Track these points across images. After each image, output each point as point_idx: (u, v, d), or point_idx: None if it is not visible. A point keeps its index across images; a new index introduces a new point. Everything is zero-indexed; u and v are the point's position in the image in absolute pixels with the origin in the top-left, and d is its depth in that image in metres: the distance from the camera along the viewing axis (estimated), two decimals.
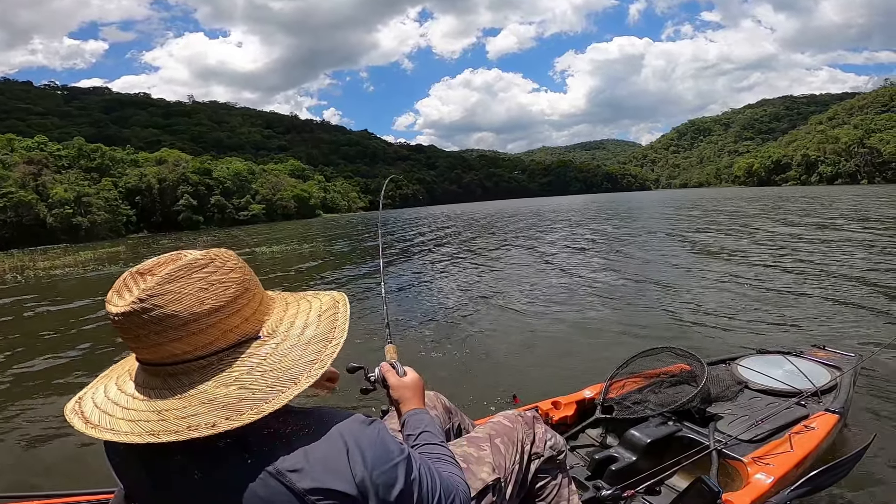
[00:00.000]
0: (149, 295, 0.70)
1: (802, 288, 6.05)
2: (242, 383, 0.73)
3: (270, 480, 0.69)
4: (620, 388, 2.41)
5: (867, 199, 27.69)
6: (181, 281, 0.72)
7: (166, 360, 0.73)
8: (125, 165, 61.53)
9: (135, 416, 0.71)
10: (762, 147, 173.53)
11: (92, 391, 0.80)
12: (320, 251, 17.50)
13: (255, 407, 0.71)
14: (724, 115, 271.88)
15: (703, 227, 12.66)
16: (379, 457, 0.75)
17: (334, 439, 0.73)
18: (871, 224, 13.18)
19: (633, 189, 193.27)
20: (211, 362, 0.74)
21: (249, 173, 77.46)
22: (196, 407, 0.71)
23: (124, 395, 0.75)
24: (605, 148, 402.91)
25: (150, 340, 0.71)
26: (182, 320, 0.71)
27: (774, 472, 1.81)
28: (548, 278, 8.13)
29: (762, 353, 2.84)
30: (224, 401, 0.71)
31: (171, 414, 0.70)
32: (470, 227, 25.31)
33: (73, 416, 0.75)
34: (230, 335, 0.75)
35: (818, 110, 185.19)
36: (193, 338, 0.72)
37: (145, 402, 0.73)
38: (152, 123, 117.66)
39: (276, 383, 0.74)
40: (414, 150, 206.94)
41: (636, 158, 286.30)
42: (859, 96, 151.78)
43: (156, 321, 0.70)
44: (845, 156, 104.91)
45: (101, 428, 0.71)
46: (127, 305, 0.70)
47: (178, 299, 0.70)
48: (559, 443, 1.51)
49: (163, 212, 59.32)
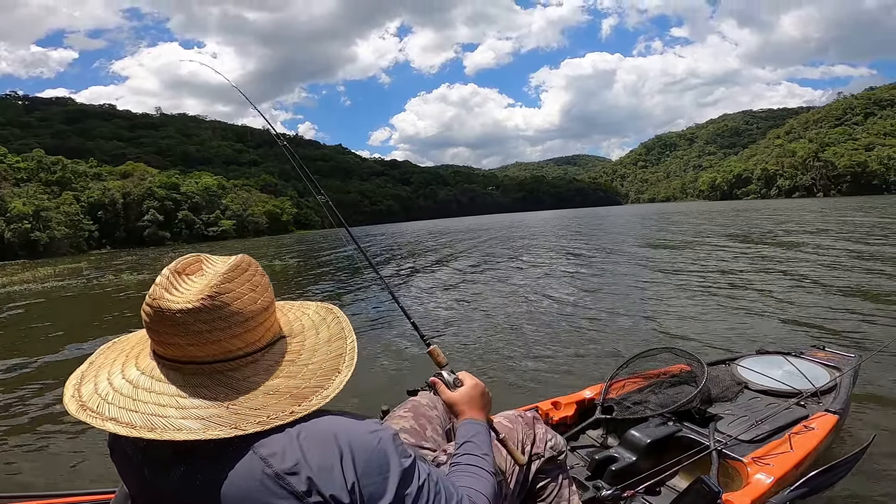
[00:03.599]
0: (216, 292, 0.72)
1: (802, 290, 6.09)
2: (292, 375, 0.78)
3: (270, 482, 0.70)
4: (620, 389, 2.39)
5: (841, 210, 28.74)
6: (236, 281, 0.75)
7: (218, 356, 0.74)
8: (87, 179, 59.67)
9: (202, 414, 0.71)
10: (724, 161, 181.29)
11: (96, 398, 0.74)
12: (293, 266, 17.22)
13: (318, 392, 0.76)
14: (688, 130, 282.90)
15: (694, 238, 12.82)
16: (371, 466, 0.74)
17: (332, 444, 0.73)
18: (861, 231, 13.30)
19: (604, 204, 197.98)
20: (256, 359, 0.77)
21: (219, 188, 75.99)
22: (263, 398, 0.74)
23: (167, 395, 0.74)
24: (576, 163, 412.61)
25: (212, 336, 0.73)
26: (244, 317, 0.74)
27: (774, 473, 1.79)
28: (547, 284, 8.13)
29: (762, 354, 2.85)
30: (287, 391, 0.75)
31: (242, 407, 0.72)
32: (457, 241, 25.39)
33: (115, 425, 0.70)
34: (269, 334, 0.80)
35: (776, 124, 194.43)
36: (248, 335, 0.76)
37: (205, 400, 0.73)
38: (117, 136, 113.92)
39: (321, 373, 0.79)
40: (388, 165, 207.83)
41: (606, 173, 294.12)
42: (814, 110, 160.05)
43: (223, 317, 0.72)
44: (802, 169, 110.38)
45: (160, 430, 0.70)
46: (196, 301, 0.71)
47: (238, 298, 0.74)
48: (559, 443, 1.49)
49: (127, 227, 57.48)
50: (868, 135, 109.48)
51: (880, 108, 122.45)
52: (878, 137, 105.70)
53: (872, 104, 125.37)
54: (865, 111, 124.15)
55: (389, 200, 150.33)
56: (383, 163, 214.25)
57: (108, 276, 16.40)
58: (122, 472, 0.82)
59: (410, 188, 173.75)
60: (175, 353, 0.75)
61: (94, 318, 8.51)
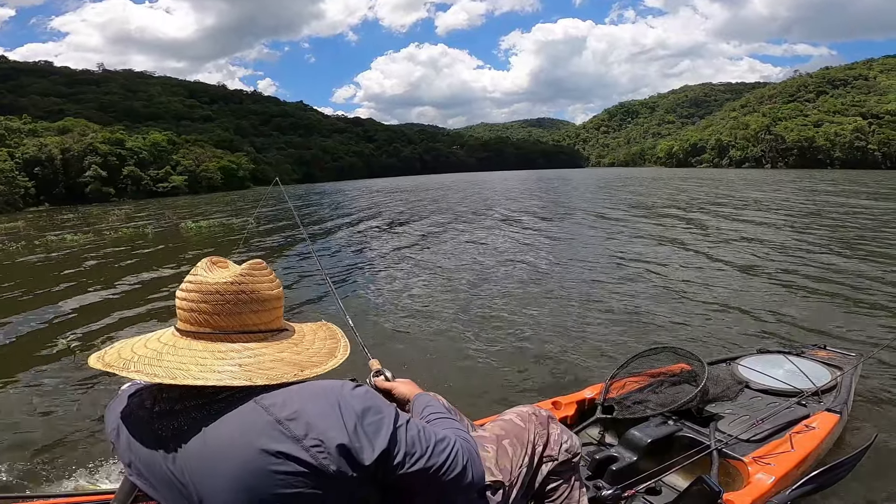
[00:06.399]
0: (245, 274, 0.94)
1: (803, 288, 6.01)
2: (296, 353, 0.96)
3: (269, 427, 0.82)
4: (621, 388, 2.37)
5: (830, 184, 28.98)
6: (258, 272, 0.97)
7: (237, 328, 0.93)
8: (22, 135, 54.56)
9: (218, 369, 0.87)
10: (682, 130, 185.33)
11: (151, 363, 0.90)
12: (251, 226, 16.34)
13: (318, 367, 0.95)
14: (650, 99, 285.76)
15: (697, 224, 12.69)
16: (367, 408, 0.87)
17: (329, 395, 0.87)
18: (858, 221, 12.61)
19: (567, 166, 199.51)
20: (266, 337, 0.96)
21: (169, 143, 71.36)
22: (271, 363, 0.90)
23: (188, 356, 0.90)
24: (541, 126, 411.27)
25: (236, 309, 0.92)
26: (263, 298, 0.95)
27: (775, 472, 1.81)
28: (543, 273, 7.63)
29: (762, 353, 2.88)
30: (290, 360, 0.93)
31: (253, 367, 0.89)
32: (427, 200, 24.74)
33: (139, 375, 0.87)
34: (277, 321, 1.00)
35: (734, 98, 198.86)
36: (264, 314, 0.96)
37: (222, 361, 0.89)
38: (54, 92, 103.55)
39: (318, 356, 0.98)
40: (352, 122, 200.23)
41: (570, 137, 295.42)
42: (770, 86, 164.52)
43: (248, 293, 0.93)
44: (753, 141, 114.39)
45: (179, 378, 0.85)
46: (231, 278, 0.92)
47: (261, 282, 0.95)
48: (575, 445, 1.47)
49: (67, 183, 53.37)
50: (818, 112, 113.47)
51: (833, 87, 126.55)
52: (828, 115, 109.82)
53: (826, 83, 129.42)
54: (818, 89, 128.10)
55: (352, 157, 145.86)
56: (346, 120, 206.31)
57: (49, 237, 15.19)
58: (121, 447, 0.96)
59: (374, 145, 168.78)
60: (201, 325, 0.93)
61: (40, 285, 7.85)
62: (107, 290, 7.46)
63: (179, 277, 1.05)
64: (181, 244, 13.48)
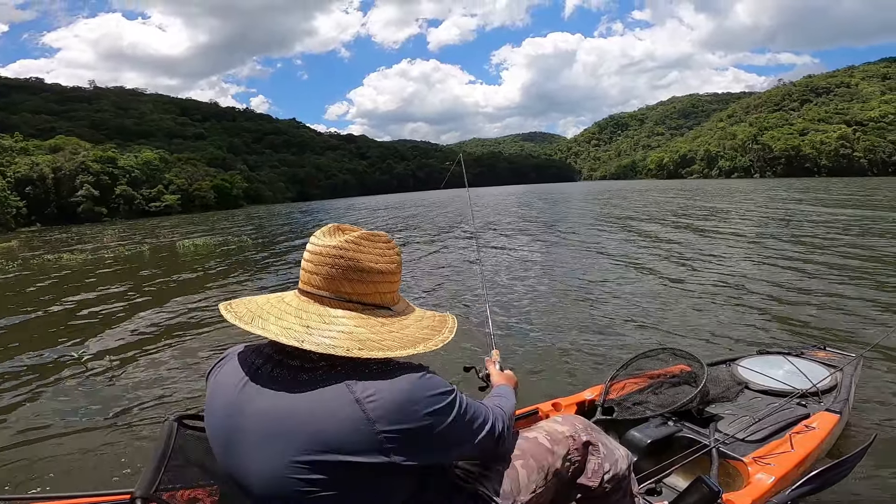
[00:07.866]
0: (352, 241, 0.97)
1: (803, 288, 6.03)
2: (374, 331, 0.96)
3: (350, 406, 0.86)
4: (621, 390, 2.36)
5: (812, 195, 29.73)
6: (369, 243, 0.99)
7: (331, 292, 0.96)
8: (13, 154, 54.46)
9: (325, 335, 0.92)
10: (671, 142, 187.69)
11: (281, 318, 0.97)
12: (249, 244, 16.31)
13: (379, 349, 0.93)
14: (639, 111, 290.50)
15: (688, 225, 12.73)
16: (425, 386, 0.92)
17: (399, 380, 0.90)
18: (853, 223, 12.70)
19: (559, 180, 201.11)
20: (356, 308, 0.97)
21: (161, 162, 71.40)
22: (336, 334, 0.92)
23: (305, 313, 0.97)
24: (533, 140, 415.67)
25: (333, 273, 0.96)
26: (362, 268, 0.96)
27: (775, 472, 1.80)
28: (546, 280, 7.59)
29: (762, 354, 2.87)
30: (357, 336, 0.93)
31: (315, 332, 0.92)
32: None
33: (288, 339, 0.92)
34: (376, 297, 1.00)
35: (720, 108, 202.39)
36: (359, 285, 0.97)
37: (309, 328, 0.93)
38: (46, 109, 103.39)
39: (397, 340, 0.97)
40: (344, 139, 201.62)
41: (561, 150, 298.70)
42: (755, 95, 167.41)
43: (346, 259, 0.96)
44: (741, 151, 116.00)
45: (293, 339, 0.91)
46: (338, 243, 0.96)
47: (363, 254, 0.97)
48: (621, 469, 1.35)
49: (59, 203, 53.16)
50: (803, 120, 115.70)
51: (816, 95, 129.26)
52: (812, 123, 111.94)
53: (809, 91, 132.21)
54: (802, 98, 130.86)
55: (346, 174, 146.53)
56: (339, 137, 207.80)
57: (46, 257, 15.02)
58: (220, 392, 1.00)
59: (367, 162, 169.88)
60: (307, 285, 0.99)
61: (42, 306, 7.75)
62: (126, 313, 7.37)
63: (184, 293, 1.06)
64: (181, 263, 13.33)
